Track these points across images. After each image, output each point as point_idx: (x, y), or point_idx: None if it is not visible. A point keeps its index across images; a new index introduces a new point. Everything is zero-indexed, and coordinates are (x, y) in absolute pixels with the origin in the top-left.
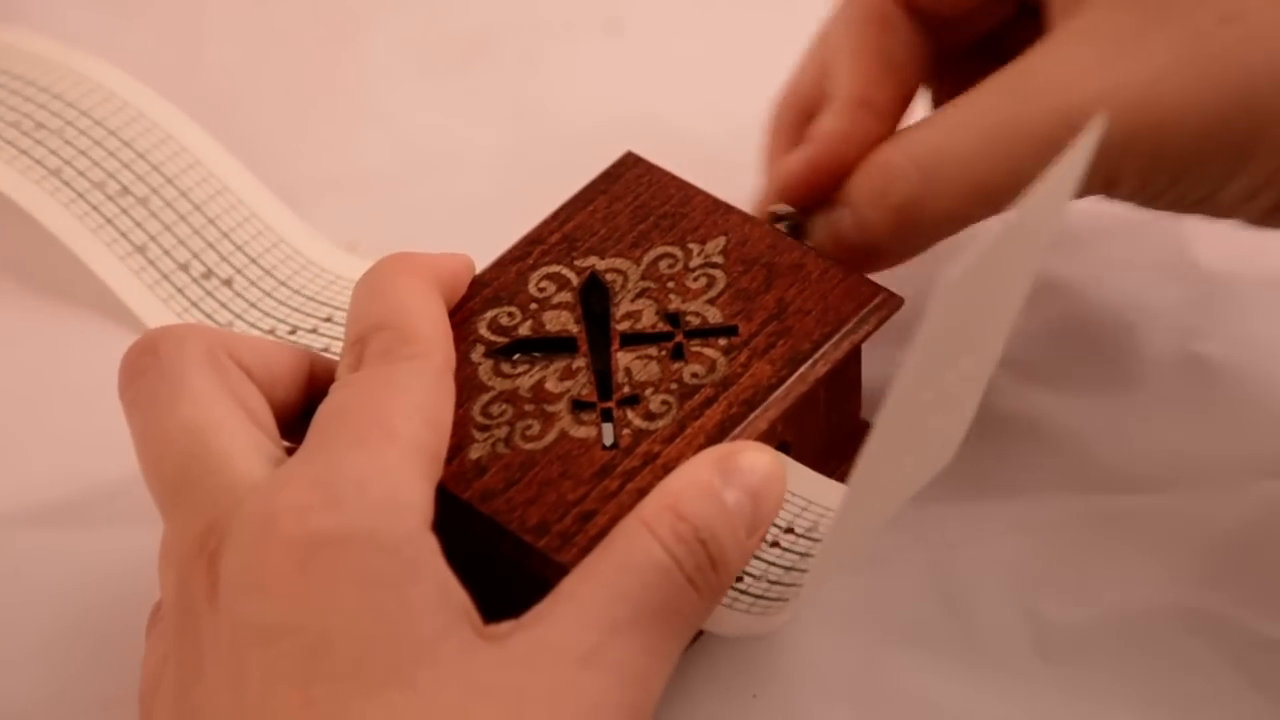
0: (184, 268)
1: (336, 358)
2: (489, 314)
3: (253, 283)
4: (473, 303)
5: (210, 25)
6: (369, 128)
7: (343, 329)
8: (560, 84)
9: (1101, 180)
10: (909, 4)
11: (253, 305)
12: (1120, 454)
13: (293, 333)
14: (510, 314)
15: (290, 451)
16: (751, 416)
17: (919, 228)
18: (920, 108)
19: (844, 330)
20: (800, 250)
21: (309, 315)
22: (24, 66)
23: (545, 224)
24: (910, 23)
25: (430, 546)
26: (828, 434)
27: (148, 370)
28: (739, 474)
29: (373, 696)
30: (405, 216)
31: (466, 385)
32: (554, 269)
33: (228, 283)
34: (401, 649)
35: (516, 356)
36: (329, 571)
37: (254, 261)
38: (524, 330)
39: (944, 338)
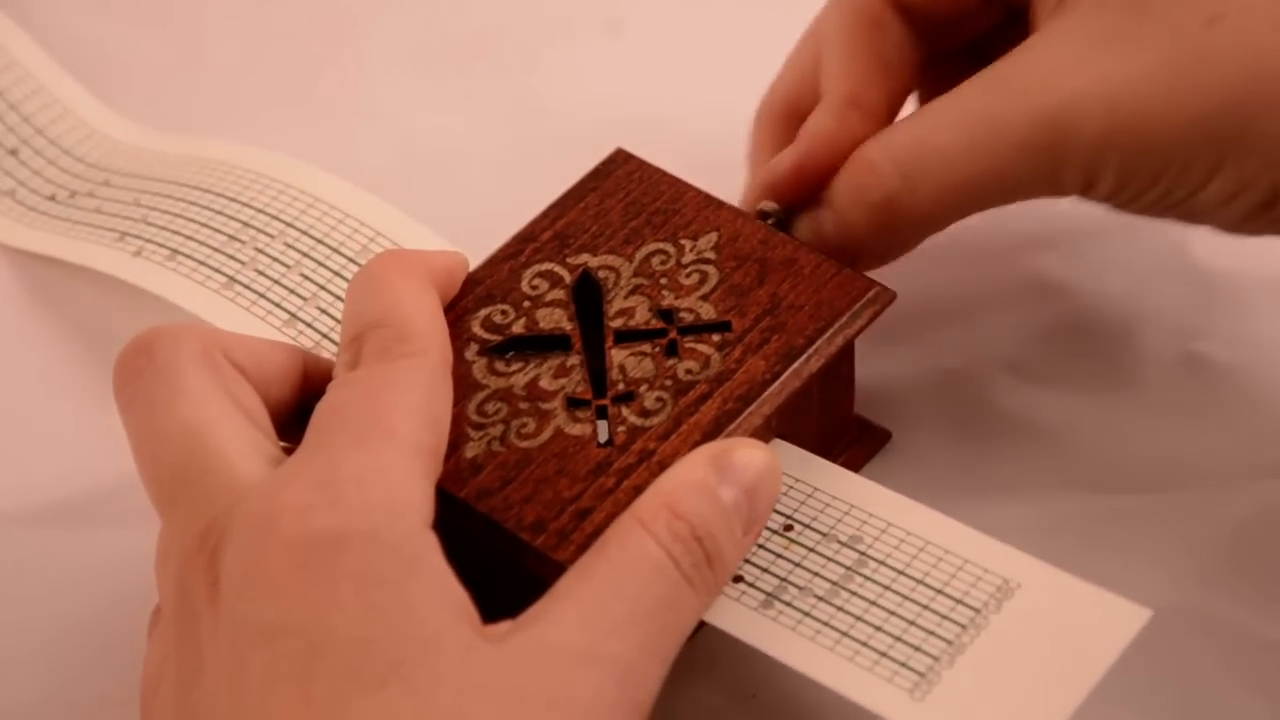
0: None
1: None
2: (482, 312)
3: (37, 152)
4: (466, 301)
5: (210, 25)
6: (369, 128)
7: (120, 190)
8: (560, 84)
9: (1080, 180)
10: (901, 6)
11: (36, 173)
12: (1120, 454)
13: (72, 196)
14: (504, 312)
15: (287, 451)
16: (746, 412)
17: (899, 226)
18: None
19: (837, 325)
20: (792, 245)
21: (87, 180)
22: None
23: (537, 221)
24: (902, 25)
25: (430, 545)
26: (821, 429)
27: (143, 370)
28: (734, 471)
29: (372, 695)
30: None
31: (461, 384)
32: (546, 266)
33: (13, 152)
34: (401, 648)
35: (510, 354)
36: (329, 570)
37: (40, 132)
38: (517, 328)
39: None
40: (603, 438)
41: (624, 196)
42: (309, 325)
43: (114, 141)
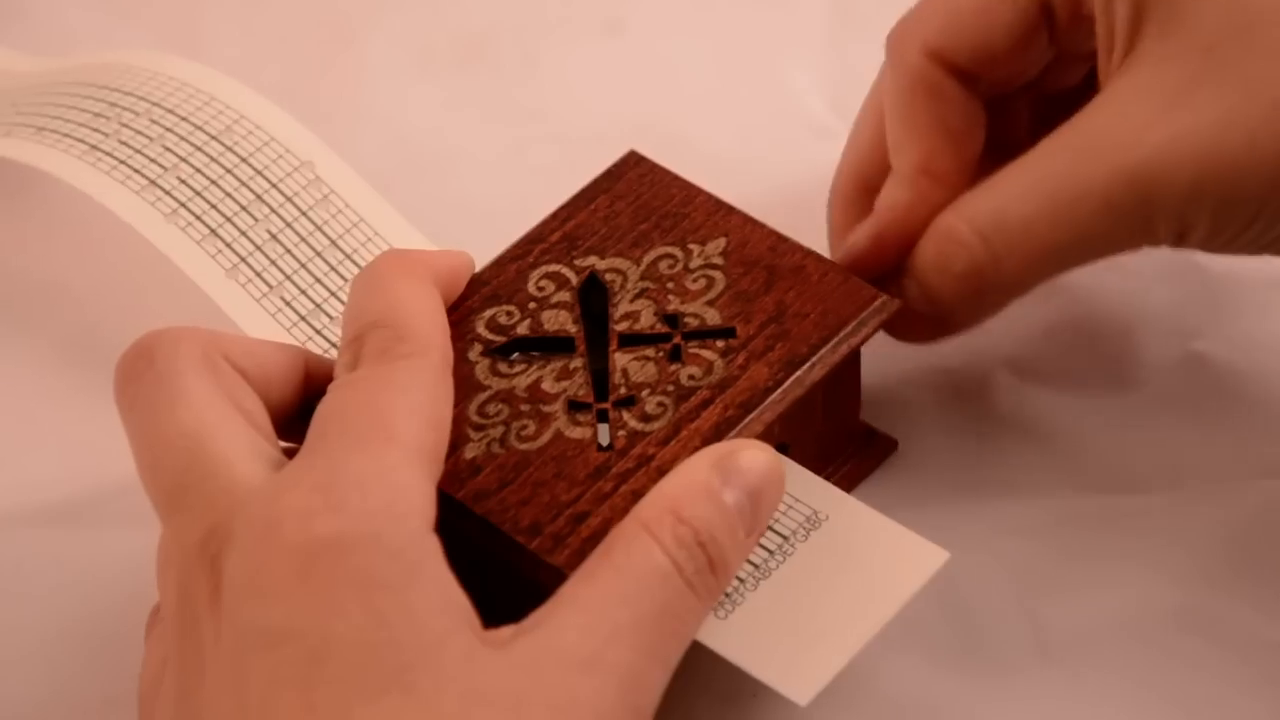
0: None
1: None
2: (487, 312)
3: None
4: (471, 301)
5: (210, 25)
6: (369, 128)
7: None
8: (560, 85)
9: (1172, 233)
10: (954, 70)
11: None
12: (1120, 454)
13: None
14: (509, 313)
15: (288, 453)
16: (747, 420)
17: (985, 293)
18: None
19: (842, 334)
20: (801, 253)
21: None
22: None
23: (546, 222)
24: (961, 89)
25: (432, 549)
26: (825, 437)
27: (143, 374)
28: (738, 474)
29: (374, 701)
30: (404, 217)
31: (463, 384)
32: (554, 268)
33: None
34: (404, 654)
35: (514, 356)
36: (331, 575)
37: None
38: (522, 329)
39: None
40: (603, 442)
41: (634, 199)
42: (167, 193)
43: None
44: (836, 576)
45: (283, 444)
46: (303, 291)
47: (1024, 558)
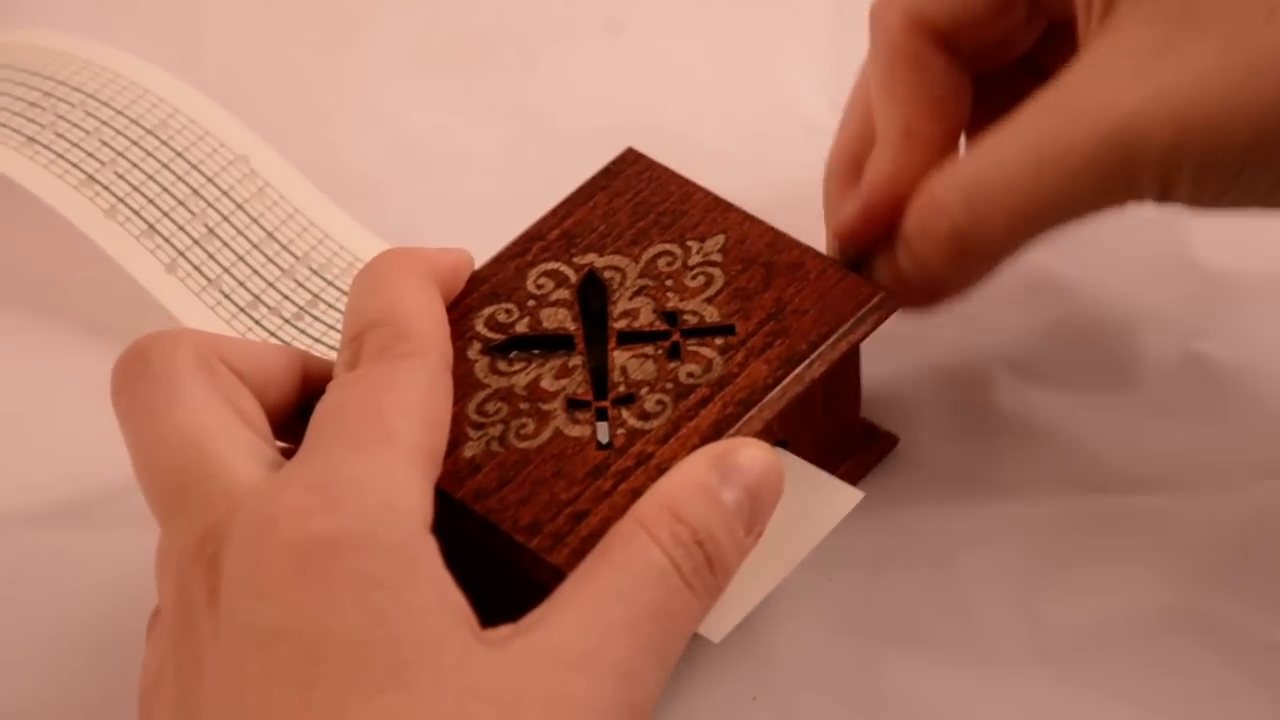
0: None
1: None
2: (486, 310)
3: None
4: (470, 299)
5: (210, 25)
6: (369, 128)
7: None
8: (560, 84)
9: (1156, 188)
10: (938, 38)
11: None
12: (1120, 454)
13: None
14: (508, 311)
15: (286, 453)
16: (746, 417)
17: (972, 257)
18: None
19: (842, 330)
20: (799, 249)
21: None
22: None
23: (544, 220)
24: (942, 57)
25: (429, 549)
26: (826, 433)
27: (140, 376)
28: (737, 472)
29: (371, 699)
30: (404, 217)
31: (462, 383)
32: (552, 266)
33: None
34: (400, 652)
35: (513, 354)
36: (328, 574)
37: None
38: (521, 327)
39: None
40: (602, 440)
41: (632, 196)
42: (105, 188)
43: None
44: None
45: (281, 445)
46: (241, 284)
47: (1024, 558)
